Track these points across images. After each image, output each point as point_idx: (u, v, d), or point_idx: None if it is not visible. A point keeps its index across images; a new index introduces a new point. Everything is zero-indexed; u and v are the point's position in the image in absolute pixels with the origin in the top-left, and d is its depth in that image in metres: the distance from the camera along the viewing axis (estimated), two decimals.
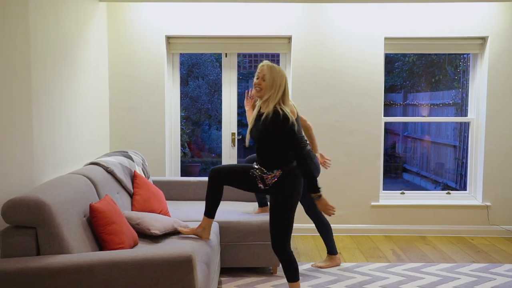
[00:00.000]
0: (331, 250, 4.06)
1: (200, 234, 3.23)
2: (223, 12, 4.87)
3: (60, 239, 2.42)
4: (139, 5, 4.84)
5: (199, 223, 3.29)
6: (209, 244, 3.21)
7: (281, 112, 2.92)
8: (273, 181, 3.04)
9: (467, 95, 5.57)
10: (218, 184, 3.17)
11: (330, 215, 3.07)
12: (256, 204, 4.22)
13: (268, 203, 4.15)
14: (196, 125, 8.12)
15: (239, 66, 5.26)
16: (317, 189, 2.98)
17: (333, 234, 4.06)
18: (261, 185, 3.09)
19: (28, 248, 2.41)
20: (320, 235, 4.05)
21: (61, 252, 2.42)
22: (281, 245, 3.06)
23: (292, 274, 3.08)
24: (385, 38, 4.93)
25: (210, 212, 3.22)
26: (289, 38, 5.00)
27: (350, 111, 5.00)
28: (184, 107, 5.30)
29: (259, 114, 3.07)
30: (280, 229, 3.06)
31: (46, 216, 2.39)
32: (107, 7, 4.79)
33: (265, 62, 3.05)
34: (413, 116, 7.47)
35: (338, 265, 4.06)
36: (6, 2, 2.70)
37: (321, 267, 4.00)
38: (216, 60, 8.21)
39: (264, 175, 3.05)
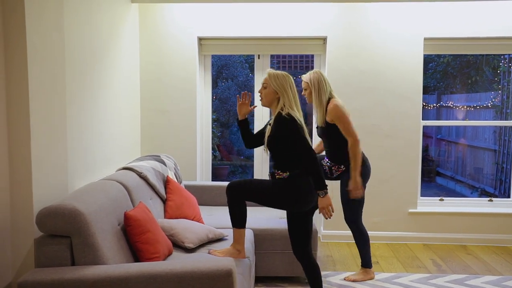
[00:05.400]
0: (366, 263, 3.86)
1: (236, 256, 3.00)
2: (256, 12, 4.75)
3: (95, 249, 2.34)
4: (171, 6, 4.76)
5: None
6: (246, 254, 3.09)
7: (283, 114, 2.90)
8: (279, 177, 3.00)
9: (508, 97, 5.34)
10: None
11: (326, 218, 2.94)
12: None
13: None
14: (225, 127, 8.04)
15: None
16: (323, 186, 2.87)
17: (369, 242, 3.87)
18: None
19: (62, 257, 2.34)
20: (357, 245, 3.85)
21: (96, 263, 2.34)
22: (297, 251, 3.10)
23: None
24: (425, 39, 4.73)
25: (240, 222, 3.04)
26: (324, 39, 4.85)
27: (387, 114, 4.82)
28: (213, 109, 5.25)
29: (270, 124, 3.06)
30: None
31: (81, 225, 2.31)
32: (139, 8, 4.73)
33: (268, 70, 3.04)
34: (447, 118, 7.24)
35: (372, 278, 3.87)
36: (42, 6, 2.63)
37: (354, 280, 3.82)
38: (246, 61, 8.12)
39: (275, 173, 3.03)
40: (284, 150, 2.94)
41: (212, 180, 5.27)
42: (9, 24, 2.48)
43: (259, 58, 5.02)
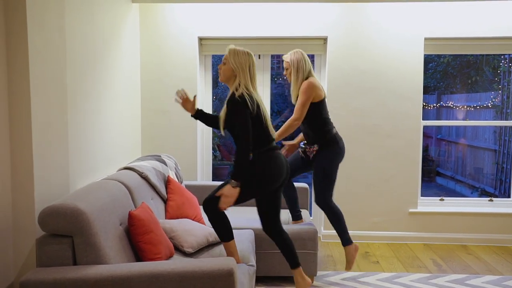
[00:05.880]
0: (346, 240, 3.72)
1: None
2: (256, 12, 4.76)
3: (97, 248, 2.34)
4: (171, 6, 4.77)
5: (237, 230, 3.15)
6: (244, 254, 3.09)
7: (237, 96, 2.84)
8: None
9: (508, 97, 5.34)
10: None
11: (218, 204, 2.84)
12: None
13: (302, 215, 4.01)
14: None
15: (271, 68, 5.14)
16: (239, 177, 2.80)
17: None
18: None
19: (64, 257, 2.34)
20: (333, 225, 3.73)
21: (98, 262, 2.34)
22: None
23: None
24: (425, 39, 4.74)
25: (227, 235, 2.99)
26: (325, 39, 4.85)
27: (388, 114, 4.82)
28: (214, 109, 5.25)
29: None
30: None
31: (84, 225, 2.32)
32: (139, 9, 4.74)
33: (229, 46, 2.98)
34: (447, 118, 7.24)
35: (357, 249, 3.73)
36: (43, 6, 2.63)
37: (350, 266, 3.71)
38: None
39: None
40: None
41: (213, 180, 5.28)
42: (10, 24, 2.48)
43: (259, 58, 5.02)
